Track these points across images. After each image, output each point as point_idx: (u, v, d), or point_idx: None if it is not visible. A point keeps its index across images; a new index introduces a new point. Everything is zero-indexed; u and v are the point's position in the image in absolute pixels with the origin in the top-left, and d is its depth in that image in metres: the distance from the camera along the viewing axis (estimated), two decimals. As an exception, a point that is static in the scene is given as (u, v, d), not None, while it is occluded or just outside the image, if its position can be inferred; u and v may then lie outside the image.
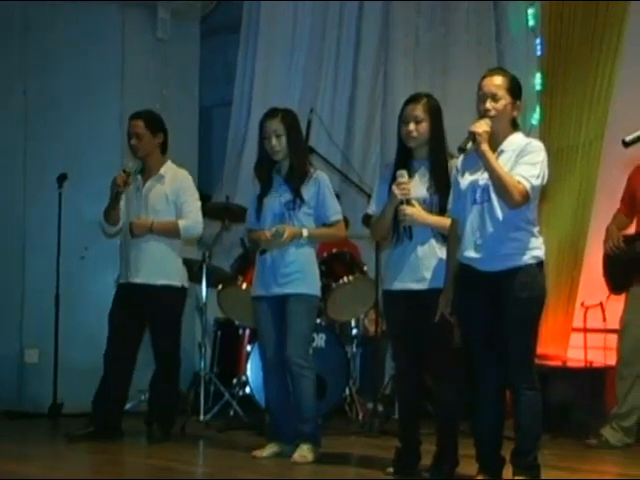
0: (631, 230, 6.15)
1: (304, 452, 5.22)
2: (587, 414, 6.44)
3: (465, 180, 4.48)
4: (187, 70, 7.76)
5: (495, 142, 4.40)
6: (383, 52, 8.31)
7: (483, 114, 4.40)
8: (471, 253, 4.40)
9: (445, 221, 4.73)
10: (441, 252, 4.77)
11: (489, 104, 4.39)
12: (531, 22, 8.01)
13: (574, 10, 7.62)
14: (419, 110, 4.82)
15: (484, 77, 4.48)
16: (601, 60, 7.39)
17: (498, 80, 4.43)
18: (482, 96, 4.43)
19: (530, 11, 8.02)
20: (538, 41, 7.94)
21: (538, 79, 7.83)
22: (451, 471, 4.73)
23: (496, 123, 4.38)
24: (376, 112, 8.26)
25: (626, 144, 3.84)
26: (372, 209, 5.03)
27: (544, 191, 4.64)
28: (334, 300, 6.61)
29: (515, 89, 4.46)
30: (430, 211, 4.78)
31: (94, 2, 7.18)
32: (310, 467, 5.13)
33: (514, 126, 4.49)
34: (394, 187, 4.75)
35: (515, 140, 4.43)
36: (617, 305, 6.30)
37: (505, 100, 4.40)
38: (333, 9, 8.19)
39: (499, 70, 4.60)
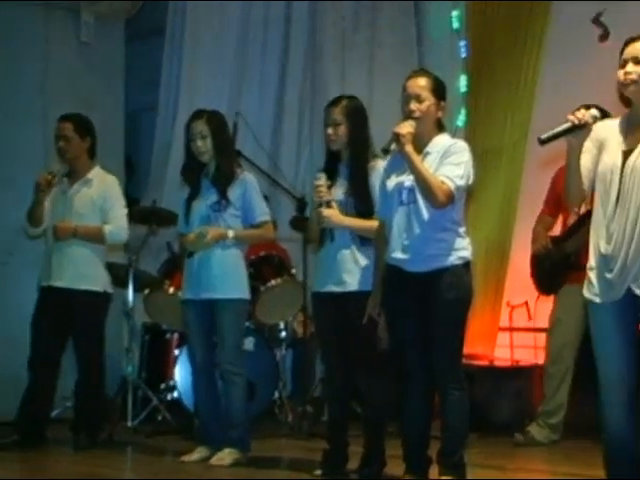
0: (556, 231, 6.22)
1: (223, 455, 5.21)
2: (514, 412, 6.49)
3: (391, 182, 4.49)
4: (112, 73, 7.67)
5: (421, 143, 4.41)
6: (310, 55, 8.31)
7: (407, 115, 4.41)
8: (398, 254, 4.40)
9: (362, 223, 4.76)
10: (360, 255, 4.78)
11: (413, 105, 4.40)
12: (455, 24, 8.08)
13: (497, 11, 7.70)
14: (337, 113, 4.83)
15: (408, 78, 4.49)
16: (524, 61, 7.48)
17: (422, 81, 4.44)
18: (406, 97, 4.43)
19: (454, 13, 8.08)
20: (463, 43, 8.01)
21: (463, 81, 7.90)
22: (378, 472, 4.74)
23: (421, 124, 4.39)
24: (305, 115, 8.26)
25: (542, 142, 3.85)
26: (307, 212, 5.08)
27: (470, 192, 4.66)
28: (263, 303, 6.58)
29: (439, 90, 4.47)
30: (346, 213, 4.78)
31: (17, 3, 7.07)
32: (239, 470, 5.11)
33: (440, 127, 4.50)
34: (314, 190, 4.76)
35: (440, 141, 4.44)
36: (542, 304, 6.37)
37: (429, 101, 4.41)
38: (259, 12, 8.16)
39: (423, 71, 4.61)
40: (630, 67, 3.80)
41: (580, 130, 3.78)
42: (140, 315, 6.88)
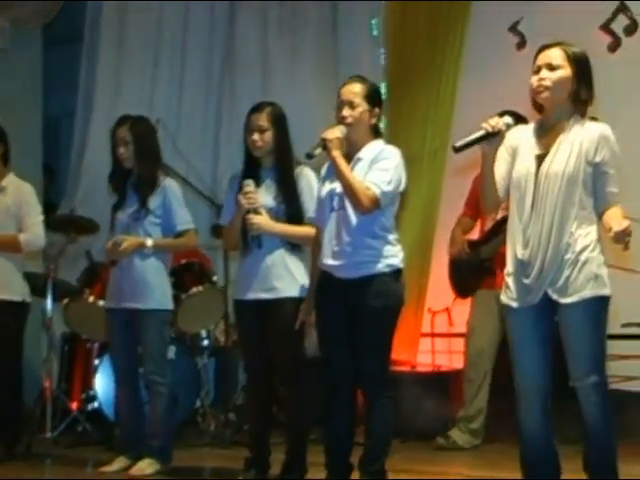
0: (475, 234, 6.28)
1: (143, 465, 5.16)
2: (436, 417, 6.53)
3: (325, 188, 4.49)
4: (30, 79, 7.58)
5: (354, 149, 4.42)
6: (230, 61, 8.28)
7: (339, 121, 4.41)
8: (329, 260, 4.41)
9: (292, 229, 4.75)
10: (290, 261, 4.78)
11: (346, 111, 4.41)
12: (375, 32, 8.10)
13: (417, 18, 7.74)
14: (263, 119, 4.80)
15: (343, 84, 4.50)
16: (444, 70, 7.54)
17: (356, 88, 4.44)
18: (340, 103, 4.44)
19: (374, 21, 8.11)
20: (382, 50, 8.05)
21: (383, 89, 7.92)
22: (300, 479, 4.73)
23: (354, 130, 4.39)
24: (225, 122, 8.22)
25: (456, 150, 3.89)
26: (223, 219, 5.01)
27: (404, 198, 4.67)
28: (184, 311, 6.53)
29: (374, 97, 4.47)
30: (277, 219, 4.77)
31: None
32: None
33: (375, 133, 4.50)
34: (240, 197, 4.73)
35: (372, 147, 4.44)
36: (463, 309, 6.41)
37: (362, 107, 4.41)
38: (179, 17, 8.12)
39: (358, 78, 4.58)
40: (544, 73, 3.86)
41: (494, 138, 3.83)
42: (59, 325, 6.78)
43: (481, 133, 3.83)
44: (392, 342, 4.47)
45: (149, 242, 5.24)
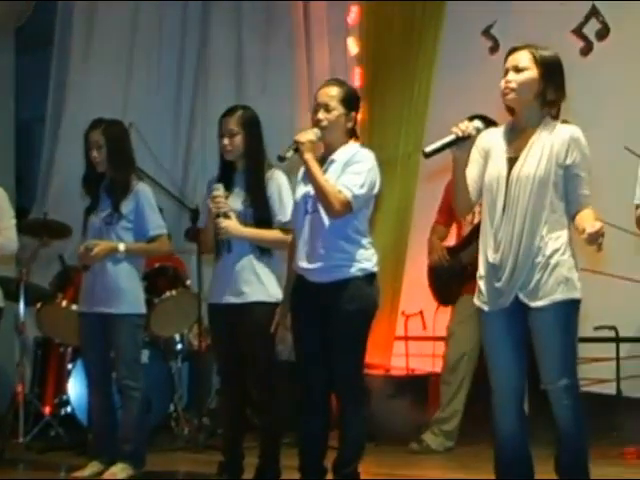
0: (450, 241, 6.29)
1: (116, 469, 5.14)
2: (410, 421, 6.54)
3: (300, 191, 4.49)
4: (2, 83, 7.53)
5: (328, 152, 4.43)
6: (204, 66, 8.27)
7: (315, 124, 4.41)
8: (303, 264, 4.40)
9: (261, 234, 4.75)
10: (259, 266, 4.78)
11: (321, 114, 4.40)
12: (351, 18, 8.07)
13: (390, 21, 7.75)
14: (233, 123, 4.80)
15: (320, 87, 4.50)
16: (417, 74, 7.56)
17: (333, 91, 4.43)
18: (316, 106, 4.44)
19: (354, 9, 8.07)
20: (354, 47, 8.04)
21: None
22: (273, 482, 4.73)
23: (329, 134, 4.39)
24: (198, 126, 8.21)
25: (426, 155, 3.89)
26: (201, 222, 5.02)
27: (377, 201, 4.66)
28: (157, 315, 6.52)
29: (350, 100, 4.45)
30: (245, 224, 4.76)
31: None
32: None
33: (352, 137, 4.49)
34: (209, 201, 4.73)
35: (346, 150, 4.43)
36: (436, 312, 6.43)
37: (338, 111, 4.40)
38: (153, 21, 8.10)
39: (336, 81, 4.59)
40: (510, 76, 3.88)
41: (464, 142, 3.84)
42: (32, 329, 6.75)
43: (451, 138, 3.84)
44: (366, 346, 4.46)
45: (121, 247, 5.22)
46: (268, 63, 8.26)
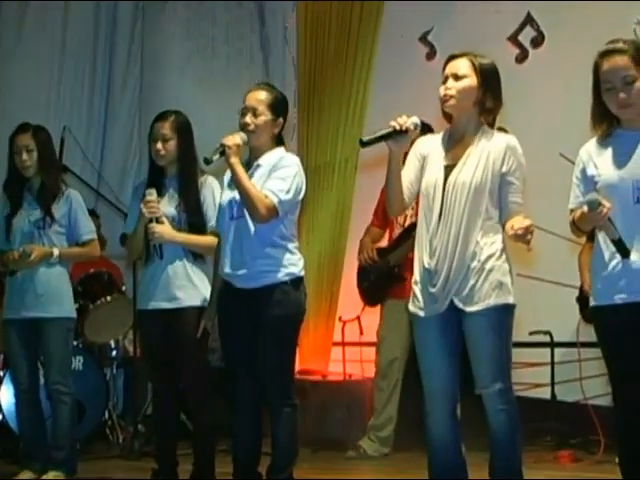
0: (384, 243, 6.32)
1: (48, 478, 5.08)
2: (347, 426, 6.54)
3: (226, 196, 4.47)
4: None
5: (254, 157, 4.41)
6: (139, 66, 8.20)
7: (242, 127, 4.39)
8: (228, 269, 4.38)
9: (194, 239, 4.73)
10: (192, 271, 4.76)
11: (249, 118, 4.39)
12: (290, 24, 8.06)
13: (328, 22, 7.76)
14: (166, 128, 4.77)
15: (249, 91, 4.47)
16: (355, 78, 7.58)
17: (261, 95, 4.42)
18: (243, 110, 4.42)
19: (292, 16, 8.07)
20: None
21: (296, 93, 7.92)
22: (207, 489, 4.70)
23: (256, 138, 4.39)
24: (133, 130, 8.14)
25: (363, 144, 3.89)
26: (128, 228, 4.95)
27: (302, 207, 4.66)
28: (92, 321, 6.46)
29: (278, 106, 4.44)
30: (179, 229, 4.74)
31: None
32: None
33: (278, 142, 4.48)
34: (142, 206, 4.69)
35: (272, 155, 4.42)
36: (373, 318, 6.44)
37: (266, 116, 4.39)
38: (86, 23, 8.01)
39: (265, 85, 4.57)
40: (450, 83, 3.90)
41: (401, 137, 3.84)
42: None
43: (389, 130, 3.84)
44: (294, 351, 4.47)
45: (56, 252, 5.19)
46: (207, 64, 8.20)
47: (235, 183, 4.33)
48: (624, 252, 3.60)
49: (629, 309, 3.63)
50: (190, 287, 4.72)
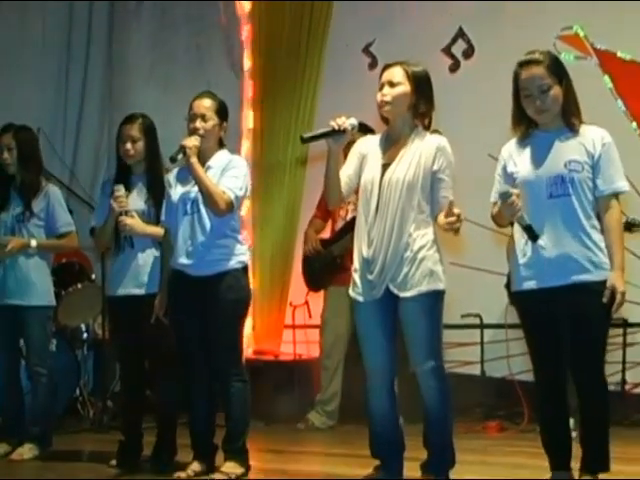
0: (326, 234, 6.36)
1: (23, 450, 5.08)
2: (298, 401, 6.57)
3: (176, 192, 4.48)
4: None
5: (203, 158, 4.42)
6: (110, 69, 8.14)
7: (192, 132, 4.42)
8: (183, 260, 4.40)
9: (162, 231, 4.70)
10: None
11: (199, 124, 4.41)
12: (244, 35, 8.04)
13: (280, 39, 7.76)
14: (135, 130, 4.77)
15: (195, 99, 4.50)
16: (304, 85, 7.59)
17: (207, 102, 4.46)
18: (192, 116, 4.45)
19: (246, 27, 8.05)
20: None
21: (250, 93, 7.89)
22: (169, 460, 4.69)
23: (205, 141, 4.41)
24: (104, 129, 8.07)
25: (304, 140, 3.95)
26: (96, 221, 4.93)
27: (257, 201, 4.67)
28: (64, 307, 6.42)
29: (222, 112, 4.51)
30: (149, 222, 4.74)
31: None
32: (38, 463, 4.99)
33: (221, 144, 4.54)
34: (112, 201, 4.68)
35: (221, 157, 4.48)
36: (320, 302, 6.46)
37: (213, 121, 4.44)
38: (62, 25, 7.91)
39: (209, 93, 4.59)
40: (385, 90, 3.93)
41: (339, 135, 3.88)
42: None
43: (328, 129, 3.88)
44: (242, 331, 4.51)
45: (33, 243, 5.18)
46: (172, 64, 8.15)
47: (196, 180, 4.35)
48: (534, 237, 3.68)
49: (541, 294, 3.70)
50: (157, 275, 4.69)
